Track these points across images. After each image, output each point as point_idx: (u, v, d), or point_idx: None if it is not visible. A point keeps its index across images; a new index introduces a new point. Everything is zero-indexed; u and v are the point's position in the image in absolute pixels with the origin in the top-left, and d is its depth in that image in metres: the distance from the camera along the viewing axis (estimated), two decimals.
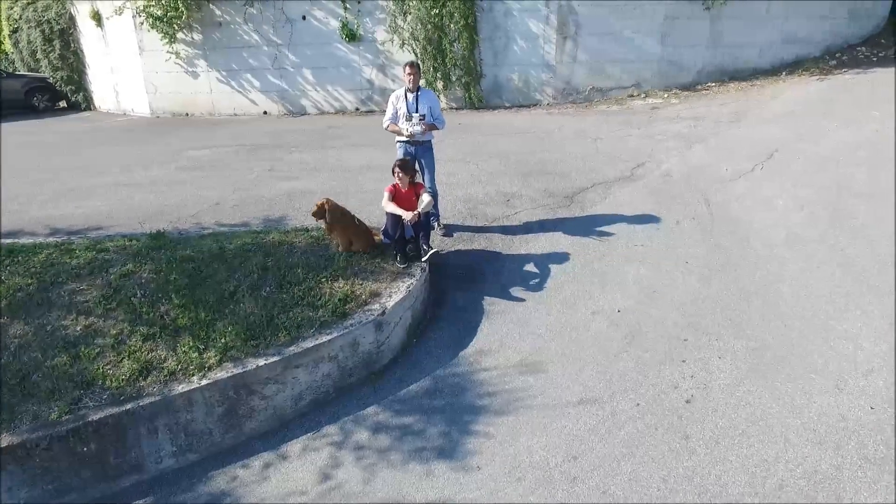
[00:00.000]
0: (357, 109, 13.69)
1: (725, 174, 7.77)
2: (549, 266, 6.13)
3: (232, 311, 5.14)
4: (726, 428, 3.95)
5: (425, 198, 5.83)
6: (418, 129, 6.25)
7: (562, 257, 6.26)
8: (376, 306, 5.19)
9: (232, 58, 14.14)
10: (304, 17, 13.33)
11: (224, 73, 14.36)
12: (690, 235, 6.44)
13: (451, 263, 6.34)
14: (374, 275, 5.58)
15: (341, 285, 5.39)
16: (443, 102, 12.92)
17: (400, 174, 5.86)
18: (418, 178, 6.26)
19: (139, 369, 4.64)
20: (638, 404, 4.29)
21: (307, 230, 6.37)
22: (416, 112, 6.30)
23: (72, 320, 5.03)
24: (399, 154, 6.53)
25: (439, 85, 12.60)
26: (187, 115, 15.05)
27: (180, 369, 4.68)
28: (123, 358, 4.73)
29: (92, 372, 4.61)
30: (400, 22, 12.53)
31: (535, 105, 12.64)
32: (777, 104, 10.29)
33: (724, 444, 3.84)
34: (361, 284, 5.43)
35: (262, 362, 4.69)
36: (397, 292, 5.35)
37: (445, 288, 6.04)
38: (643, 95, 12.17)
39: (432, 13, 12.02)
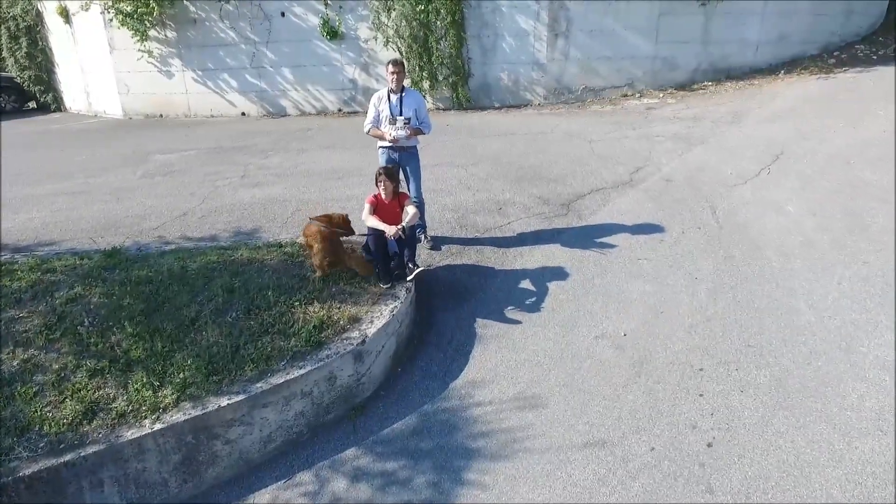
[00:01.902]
0: (339, 110, 13.08)
1: (730, 178, 7.31)
2: (546, 283, 5.61)
3: (192, 340, 4.56)
4: (756, 478, 3.46)
5: (410, 210, 5.29)
6: (403, 133, 5.70)
7: (559, 273, 5.75)
8: (356, 334, 4.64)
9: (208, 56, 13.46)
10: (282, 14, 12.69)
11: (200, 72, 13.67)
12: (697, 246, 5.96)
13: (439, 280, 5.80)
14: (353, 297, 5.02)
15: (317, 310, 4.83)
16: (429, 103, 12.36)
17: (383, 183, 5.31)
18: (403, 188, 5.72)
19: (84, 411, 4.06)
20: (653, 448, 3.78)
21: (280, 245, 5.80)
22: (401, 115, 5.75)
23: (7, 354, 4.42)
24: (381, 161, 5.98)
25: (425, 84, 12.04)
26: (161, 116, 14.34)
27: (131, 410, 4.11)
28: (66, 398, 4.15)
29: (28, 415, 4.02)
30: (384, 19, 11.95)
31: (526, 105, 12.12)
32: (778, 104, 9.87)
33: (756, 498, 3.34)
34: (339, 308, 4.87)
35: (225, 402, 4.13)
36: (380, 317, 4.80)
37: (433, 308, 5.50)
38: (637, 95, 11.70)
39: (418, 9, 11.46)
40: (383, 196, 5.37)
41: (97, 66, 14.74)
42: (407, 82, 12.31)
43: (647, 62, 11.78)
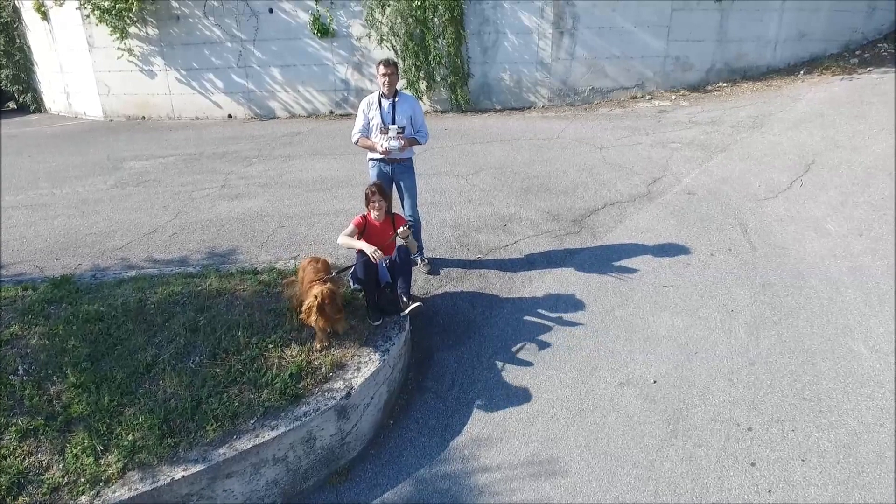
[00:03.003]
0: (331, 112, 12.35)
1: (759, 190, 6.62)
2: (560, 315, 4.91)
3: (147, 392, 3.85)
4: None
5: (402, 232, 4.59)
6: (396, 144, 4.99)
7: (575, 303, 5.04)
8: (340, 384, 3.93)
9: (192, 55, 12.71)
10: (270, 10, 11.95)
11: (183, 72, 12.92)
12: (729, 271, 5.27)
13: (438, 311, 5.09)
14: (338, 336, 4.31)
15: (294, 354, 4.12)
16: (426, 105, 11.66)
17: (374, 202, 4.60)
18: (397, 206, 5.02)
19: (8, 486, 3.35)
20: None
21: (255, 272, 5.07)
22: (394, 123, 5.04)
23: None
24: (372, 175, 5.27)
25: (422, 85, 11.32)
26: (144, 118, 13.59)
27: (67, 483, 3.40)
28: None
29: None
30: (378, 15, 11.22)
31: (529, 108, 11.41)
32: (801, 107, 9.18)
33: None
34: (321, 351, 4.16)
35: (180, 473, 3.42)
36: (369, 363, 4.09)
37: (431, 345, 4.80)
38: (648, 97, 11.00)
39: (414, 5, 10.74)
40: (374, 217, 4.66)
41: (76, 65, 13.98)
42: (402, 83, 11.65)
43: (658, 61, 11.08)
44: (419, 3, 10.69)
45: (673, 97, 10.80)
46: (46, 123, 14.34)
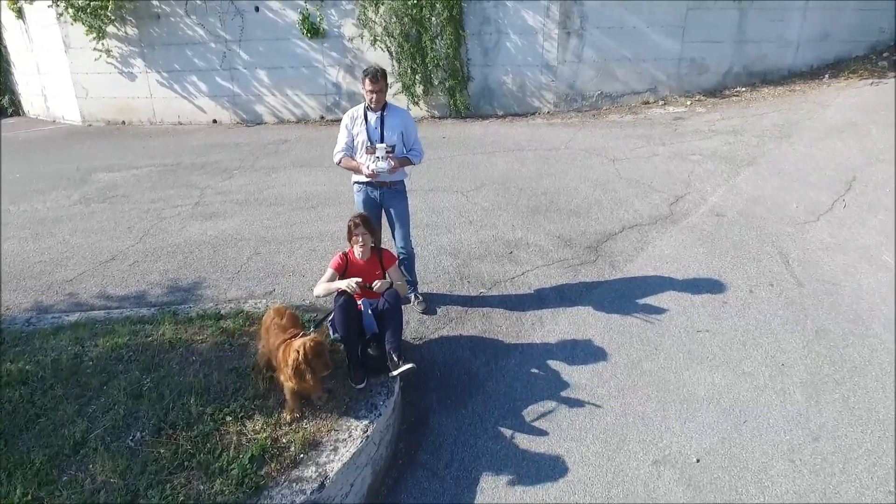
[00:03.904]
0: (321, 118, 11.58)
1: (797, 212, 5.88)
2: (578, 367, 4.17)
3: (72, 481, 3.09)
4: None
5: (392, 274, 3.84)
6: (384, 165, 4.23)
7: (594, 352, 4.30)
8: (312, 470, 3.17)
9: (174, 56, 11.93)
10: (256, 9, 11.17)
11: (165, 74, 12.13)
12: (774, 313, 4.52)
13: (434, 359, 4.34)
14: (312, 404, 3.55)
15: (258, 428, 3.36)
16: (423, 110, 10.90)
17: (358, 236, 3.85)
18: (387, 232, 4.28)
19: None
20: None
21: (217, 316, 4.31)
22: (382, 141, 4.29)
23: None
24: (357, 201, 4.52)
25: (419, 90, 10.56)
26: (124, 123, 12.80)
27: None
28: None
29: None
30: (371, 14, 10.45)
31: (533, 113, 10.65)
32: (831, 114, 8.44)
33: None
34: (291, 424, 3.41)
35: None
36: (348, 441, 3.33)
37: (426, 405, 4.04)
38: (661, 102, 10.26)
39: (409, 3, 9.98)
40: (358, 254, 3.91)
41: (53, 66, 13.19)
42: (397, 87, 10.88)
43: (672, 64, 10.33)
44: (415, 2, 9.93)
45: (688, 103, 10.05)
46: (22, 128, 13.54)
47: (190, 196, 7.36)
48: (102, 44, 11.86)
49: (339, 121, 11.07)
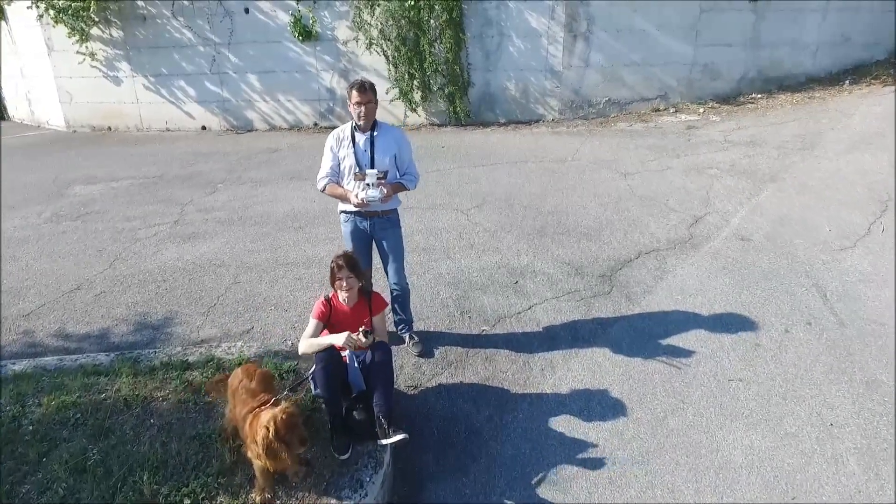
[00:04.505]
0: (315, 125, 11.07)
1: (830, 237, 5.36)
2: (595, 424, 3.64)
3: None
4: None
5: (377, 324, 3.32)
6: (375, 194, 3.69)
7: (613, 405, 3.77)
8: None
9: (161, 60, 11.41)
10: (246, 10, 10.65)
11: (152, 78, 11.61)
12: (816, 359, 4.00)
13: (430, 413, 3.81)
14: (285, 479, 3.04)
15: None
16: (422, 117, 10.39)
17: (342, 279, 3.32)
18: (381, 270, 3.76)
19: None
20: None
21: (184, 366, 3.77)
22: (373, 166, 3.77)
23: None
24: (345, 233, 4.00)
25: (416, 96, 10.05)
26: (110, 129, 12.29)
27: None
28: None
29: None
30: (366, 16, 9.93)
31: (537, 121, 10.13)
32: (855, 124, 7.93)
33: None
34: None
35: None
36: None
37: (421, 470, 3.51)
38: (672, 110, 9.74)
39: (406, 5, 9.47)
40: (342, 299, 3.39)
41: (37, 69, 12.68)
42: (394, 93, 10.37)
43: (683, 69, 9.82)
44: (413, 3, 9.42)
45: (701, 110, 9.54)
46: (6, 133, 13.01)
47: (169, 213, 6.84)
48: (86, 46, 11.34)
49: (332, 127, 10.60)
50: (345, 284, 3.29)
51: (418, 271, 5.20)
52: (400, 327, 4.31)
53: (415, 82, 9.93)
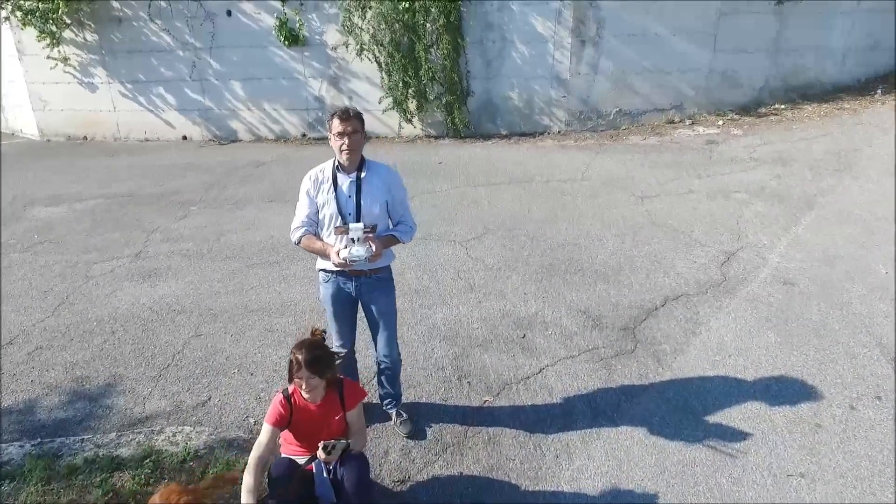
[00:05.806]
0: (303, 136, 10.30)
1: (888, 280, 4.63)
2: None
3: None
4: None
5: (352, 423, 2.59)
6: (362, 252, 2.91)
7: None
8: None
9: (138, 65, 10.63)
10: (228, 13, 9.89)
11: (129, 85, 10.84)
12: (892, 448, 3.28)
13: None
14: None
15: None
16: (417, 129, 9.64)
17: (301, 380, 2.56)
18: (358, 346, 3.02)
19: None
20: None
21: (113, 464, 3.02)
22: (358, 219, 3.02)
23: None
24: (323, 296, 3.26)
25: (411, 105, 9.30)
26: (86, 138, 11.52)
27: None
28: None
29: None
30: (357, 20, 9.17)
31: (542, 133, 9.38)
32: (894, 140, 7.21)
33: None
34: None
35: None
36: None
37: None
38: (689, 121, 9.01)
39: (401, 7, 8.71)
40: (305, 395, 2.65)
41: (9, 75, 11.91)
42: (387, 103, 9.60)
43: (700, 77, 9.08)
44: (407, 6, 8.67)
45: (720, 122, 8.80)
46: None
47: (132, 243, 6.09)
48: (58, 51, 10.56)
49: (322, 140, 9.52)
50: (304, 385, 2.55)
51: (410, 321, 4.47)
52: (386, 402, 3.58)
53: (410, 91, 9.17)
